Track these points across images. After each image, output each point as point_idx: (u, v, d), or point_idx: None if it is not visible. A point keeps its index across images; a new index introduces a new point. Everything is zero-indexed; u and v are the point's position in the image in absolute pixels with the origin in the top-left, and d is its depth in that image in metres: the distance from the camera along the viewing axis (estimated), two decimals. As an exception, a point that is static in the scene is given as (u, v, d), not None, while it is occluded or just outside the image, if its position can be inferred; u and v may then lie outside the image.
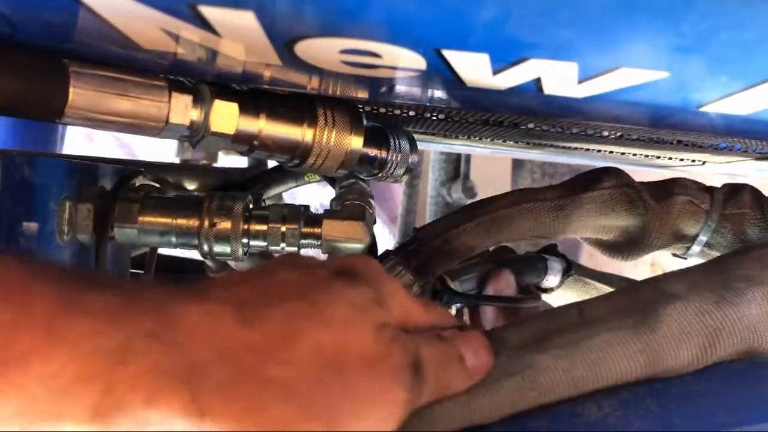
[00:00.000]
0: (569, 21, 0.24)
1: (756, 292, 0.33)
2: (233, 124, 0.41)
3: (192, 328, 0.25)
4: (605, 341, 0.32)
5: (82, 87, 0.35)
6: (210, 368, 0.24)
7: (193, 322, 0.25)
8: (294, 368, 0.26)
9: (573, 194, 0.46)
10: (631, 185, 0.47)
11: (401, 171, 0.53)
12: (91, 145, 1.61)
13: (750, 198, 0.47)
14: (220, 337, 0.25)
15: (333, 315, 0.27)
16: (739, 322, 0.32)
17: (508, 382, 0.31)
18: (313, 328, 0.27)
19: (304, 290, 0.28)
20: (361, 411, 0.27)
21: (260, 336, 0.26)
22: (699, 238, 0.47)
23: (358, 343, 0.27)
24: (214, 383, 0.24)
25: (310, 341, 0.26)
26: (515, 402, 0.31)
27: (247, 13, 0.26)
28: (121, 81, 0.37)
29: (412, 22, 0.25)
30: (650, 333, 0.32)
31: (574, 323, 0.33)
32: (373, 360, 0.27)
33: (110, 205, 0.47)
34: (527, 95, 0.33)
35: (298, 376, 0.26)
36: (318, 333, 0.27)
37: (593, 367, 0.31)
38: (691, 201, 0.47)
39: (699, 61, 0.27)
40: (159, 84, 0.38)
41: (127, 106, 0.37)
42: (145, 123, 0.38)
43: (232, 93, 0.42)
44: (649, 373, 0.32)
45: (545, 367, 0.31)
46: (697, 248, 0.48)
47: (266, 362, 0.25)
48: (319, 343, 0.27)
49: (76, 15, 0.28)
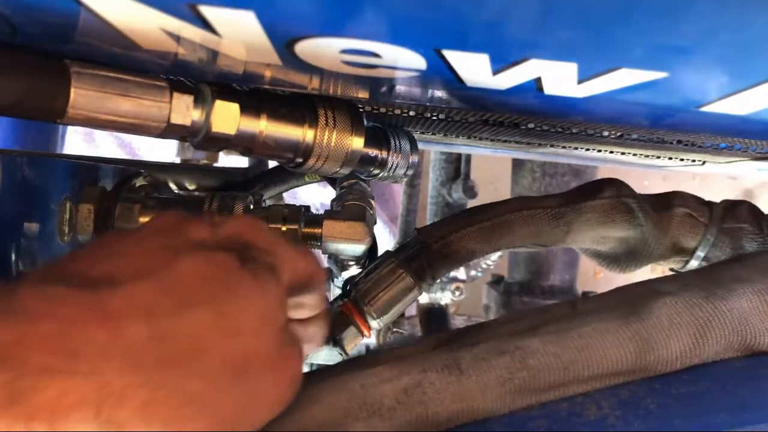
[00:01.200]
0: (569, 21, 0.24)
1: (746, 288, 0.33)
2: (234, 125, 0.41)
3: (102, 352, 0.23)
4: (595, 329, 0.32)
5: (83, 87, 0.35)
6: (126, 390, 0.23)
7: (103, 345, 0.23)
8: (208, 381, 0.26)
9: (573, 203, 0.47)
10: (631, 196, 0.47)
11: (402, 171, 0.53)
12: (91, 145, 1.61)
13: (748, 213, 0.48)
14: (134, 358, 0.24)
15: (242, 326, 0.27)
16: (729, 314, 0.33)
17: (498, 361, 0.31)
18: (223, 341, 0.27)
19: (211, 294, 0.27)
20: (263, 414, 0.28)
21: (173, 350, 0.25)
22: (697, 253, 0.48)
23: (264, 351, 0.28)
24: (133, 406, 0.23)
25: (221, 353, 0.26)
26: (504, 381, 0.31)
27: (247, 13, 0.26)
28: (122, 81, 0.37)
29: (412, 21, 0.25)
30: (639, 322, 0.32)
31: (567, 315, 0.34)
32: (276, 366, 0.29)
33: (111, 205, 0.47)
34: (527, 95, 0.33)
35: (212, 388, 0.26)
36: (228, 345, 0.27)
37: (582, 352, 0.32)
38: (690, 214, 0.48)
39: (699, 62, 0.27)
40: (160, 84, 0.38)
41: (128, 107, 0.37)
42: (146, 123, 0.38)
43: (234, 93, 0.42)
44: (641, 362, 0.32)
45: (535, 349, 0.31)
46: (695, 263, 0.48)
47: (181, 377, 0.25)
48: (230, 354, 0.27)
49: (76, 16, 0.28)
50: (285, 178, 0.69)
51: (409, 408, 0.30)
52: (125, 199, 0.47)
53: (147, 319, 0.25)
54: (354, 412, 0.30)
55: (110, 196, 0.47)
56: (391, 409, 0.30)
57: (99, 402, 0.23)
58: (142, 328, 0.25)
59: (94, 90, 0.36)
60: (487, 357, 0.31)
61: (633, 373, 0.32)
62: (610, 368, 0.32)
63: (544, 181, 1.09)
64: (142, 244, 0.29)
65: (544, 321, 0.33)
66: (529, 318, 0.35)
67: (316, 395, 0.30)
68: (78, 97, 0.35)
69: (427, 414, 0.30)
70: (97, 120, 0.37)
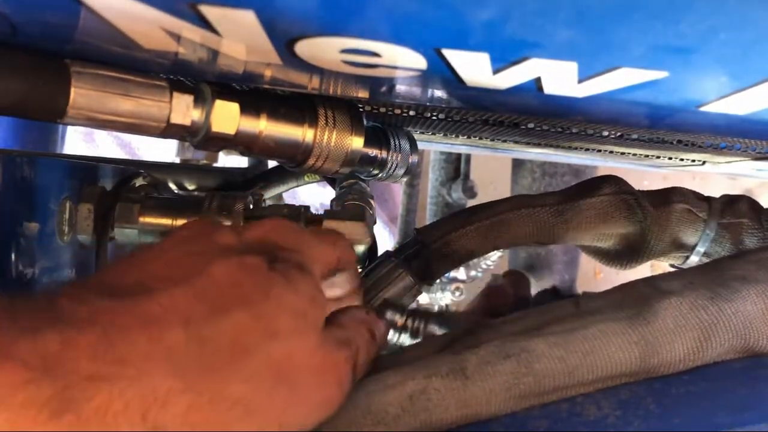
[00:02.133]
0: (569, 21, 0.24)
1: (751, 289, 0.33)
2: (234, 125, 0.41)
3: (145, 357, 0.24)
4: (601, 331, 0.32)
5: (83, 87, 0.35)
6: (170, 395, 0.23)
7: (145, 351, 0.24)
8: (249, 384, 0.26)
9: (572, 200, 0.47)
10: (631, 192, 0.47)
11: (401, 171, 0.53)
12: (91, 145, 1.61)
13: (747, 208, 0.48)
14: (175, 363, 0.24)
15: (279, 327, 0.27)
16: (734, 317, 0.32)
17: (504, 366, 0.31)
18: (263, 343, 0.27)
19: (245, 297, 0.27)
20: (309, 416, 0.28)
21: (213, 355, 0.25)
22: (697, 248, 0.47)
23: (304, 352, 0.28)
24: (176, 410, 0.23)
25: (262, 356, 0.26)
26: (510, 387, 0.31)
27: (247, 13, 0.26)
28: (122, 81, 0.37)
29: (412, 21, 0.25)
30: (645, 325, 0.32)
31: (571, 314, 0.33)
32: (319, 366, 0.28)
33: (110, 205, 0.47)
34: (527, 95, 0.33)
35: (254, 390, 0.26)
36: (268, 347, 0.27)
37: (588, 357, 0.31)
38: (689, 209, 0.47)
39: (698, 61, 0.27)
40: (160, 84, 0.38)
41: (128, 106, 0.37)
42: (147, 123, 0.38)
43: (233, 93, 0.42)
44: (645, 365, 0.32)
45: (541, 354, 0.31)
46: (696, 258, 0.48)
47: (223, 381, 0.25)
48: (270, 356, 0.27)
49: (76, 15, 0.28)
50: (285, 178, 0.69)
51: (414, 415, 0.30)
52: (125, 199, 0.47)
53: (184, 325, 0.25)
54: (358, 421, 0.29)
55: (110, 196, 0.47)
56: (396, 417, 0.30)
57: (145, 407, 0.23)
58: (181, 332, 0.25)
59: (95, 90, 0.36)
60: (493, 361, 0.31)
61: (636, 375, 0.32)
62: (614, 371, 0.31)
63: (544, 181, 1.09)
64: (171, 252, 0.29)
65: (547, 320, 0.33)
66: (532, 317, 0.34)
67: None
68: (78, 97, 0.35)
69: (431, 421, 0.30)
70: (97, 120, 0.37)
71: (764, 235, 0.47)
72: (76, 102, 0.35)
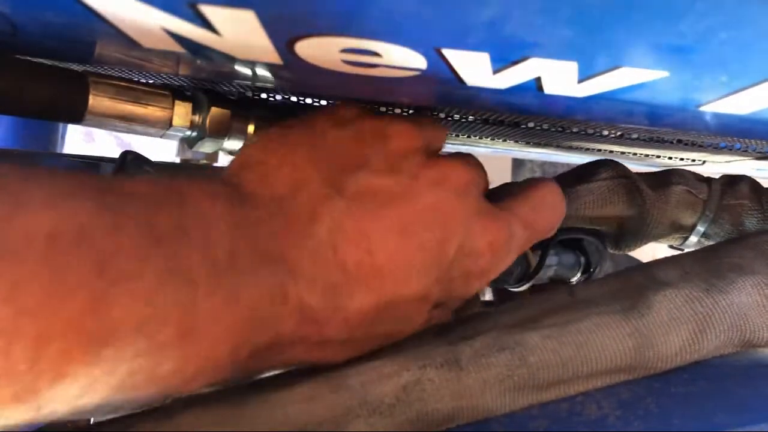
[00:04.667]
0: (569, 21, 0.24)
1: (746, 281, 0.33)
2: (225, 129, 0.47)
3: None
4: (595, 324, 0.32)
5: (99, 95, 0.42)
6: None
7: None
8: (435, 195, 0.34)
9: (570, 186, 0.47)
10: (628, 176, 0.47)
11: (401, 171, 0.53)
12: (91, 145, 1.61)
13: (748, 189, 0.47)
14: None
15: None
16: (729, 309, 0.32)
17: (498, 358, 0.31)
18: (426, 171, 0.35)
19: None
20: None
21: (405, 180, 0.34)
22: (697, 228, 0.47)
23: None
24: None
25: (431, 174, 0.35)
26: (504, 378, 0.31)
27: (247, 12, 0.26)
28: (132, 90, 0.43)
29: (413, 20, 0.25)
30: (639, 318, 0.32)
31: (565, 304, 0.33)
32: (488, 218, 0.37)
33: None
34: (527, 94, 0.33)
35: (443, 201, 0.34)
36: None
37: (582, 349, 0.31)
38: (688, 191, 0.47)
39: (699, 61, 0.27)
40: (164, 93, 0.45)
41: (137, 112, 0.43)
42: (152, 126, 0.44)
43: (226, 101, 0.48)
44: (640, 358, 0.32)
45: (534, 346, 0.31)
46: (695, 239, 0.48)
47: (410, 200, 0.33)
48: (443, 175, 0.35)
49: (76, 14, 0.28)
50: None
51: (409, 405, 0.30)
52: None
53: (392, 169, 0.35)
54: (355, 410, 0.30)
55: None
56: (391, 406, 0.30)
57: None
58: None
59: (109, 97, 0.42)
60: (487, 353, 0.31)
61: (632, 369, 0.32)
62: (609, 365, 0.32)
63: (544, 181, 1.09)
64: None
65: (543, 311, 0.33)
66: (527, 307, 0.34)
67: (317, 393, 0.30)
68: (95, 103, 0.41)
69: (426, 411, 0.30)
70: (110, 122, 0.43)
71: (764, 217, 0.46)
72: (93, 107, 0.41)
